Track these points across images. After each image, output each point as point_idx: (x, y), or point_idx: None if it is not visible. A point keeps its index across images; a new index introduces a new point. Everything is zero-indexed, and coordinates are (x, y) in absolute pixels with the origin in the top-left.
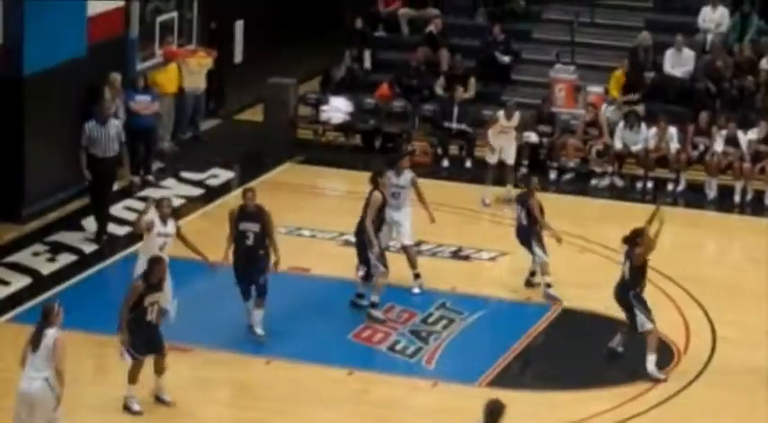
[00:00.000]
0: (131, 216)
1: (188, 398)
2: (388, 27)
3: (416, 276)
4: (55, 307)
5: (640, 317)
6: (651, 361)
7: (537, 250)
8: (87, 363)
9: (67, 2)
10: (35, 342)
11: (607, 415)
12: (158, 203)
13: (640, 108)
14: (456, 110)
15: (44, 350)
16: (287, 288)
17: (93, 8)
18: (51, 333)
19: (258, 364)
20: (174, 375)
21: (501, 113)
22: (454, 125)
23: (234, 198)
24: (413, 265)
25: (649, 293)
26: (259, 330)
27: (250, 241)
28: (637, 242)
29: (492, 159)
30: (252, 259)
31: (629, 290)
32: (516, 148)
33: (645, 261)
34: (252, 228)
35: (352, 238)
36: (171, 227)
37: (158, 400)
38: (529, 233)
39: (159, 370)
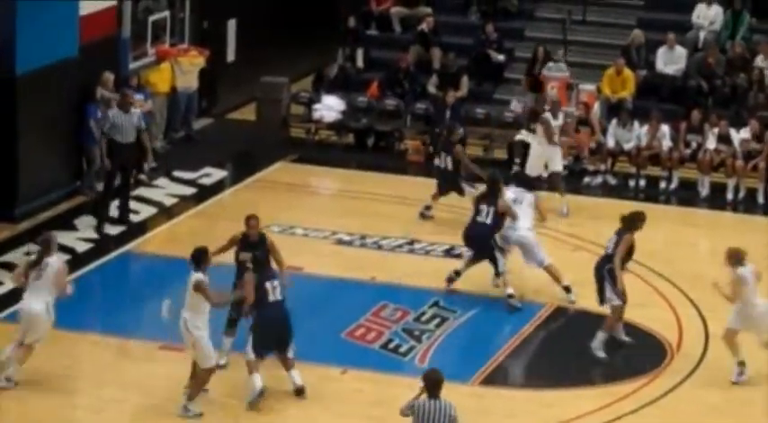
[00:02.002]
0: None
1: (181, 397)
2: (381, 26)
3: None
4: (54, 237)
5: (608, 291)
6: (600, 339)
7: (499, 256)
8: (81, 362)
9: (59, 1)
10: (37, 270)
11: (600, 413)
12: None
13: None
14: (448, 113)
15: (46, 278)
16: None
17: (86, 8)
18: (53, 261)
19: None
20: (167, 375)
21: (547, 114)
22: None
23: (227, 196)
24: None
25: (642, 291)
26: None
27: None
28: (636, 226)
29: (537, 172)
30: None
31: (606, 264)
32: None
33: (633, 245)
34: (258, 256)
35: (346, 237)
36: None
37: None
38: (490, 236)
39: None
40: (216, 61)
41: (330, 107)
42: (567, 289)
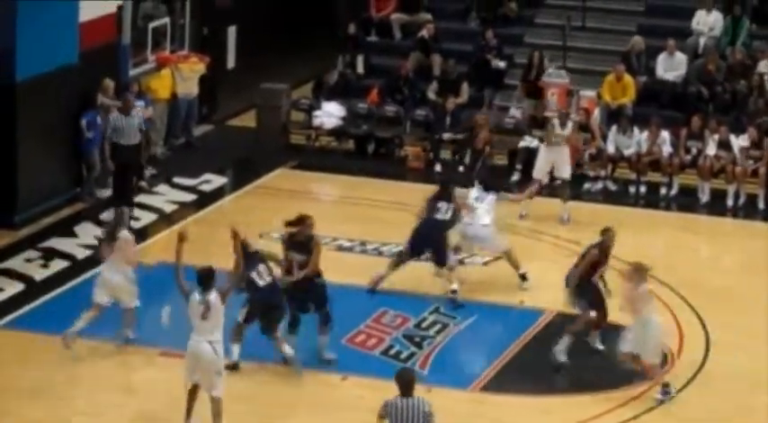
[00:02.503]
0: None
1: (182, 404)
2: (381, 32)
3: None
4: (213, 270)
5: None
6: (563, 342)
7: (450, 253)
8: (81, 369)
9: (60, 8)
10: (205, 311)
11: (600, 419)
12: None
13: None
14: (449, 119)
15: (213, 317)
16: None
17: (86, 14)
18: (214, 297)
19: (253, 369)
20: (168, 381)
21: (555, 121)
22: (446, 135)
23: (228, 203)
24: None
25: None
26: (330, 355)
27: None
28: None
29: (541, 176)
30: (307, 289)
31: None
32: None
33: (603, 257)
34: (297, 258)
35: (346, 243)
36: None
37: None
38: (446, 230)
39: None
40: (216, 68)
41: (330, 114)
42: (523, 277)
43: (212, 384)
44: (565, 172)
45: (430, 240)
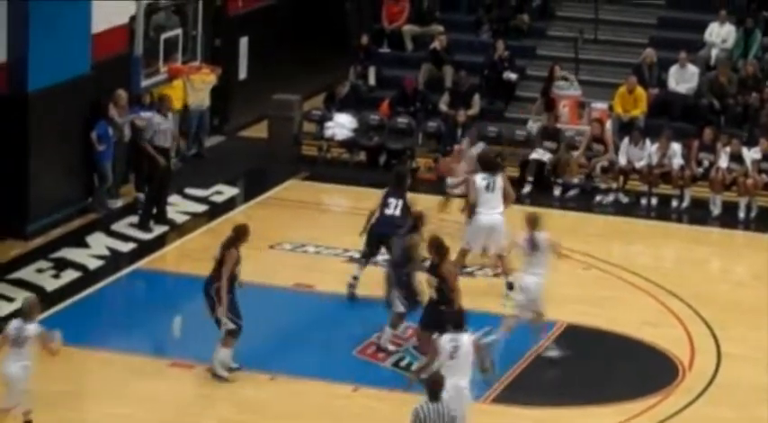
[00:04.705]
0: (135, 233)
1: (191, 415)
2: (393, 44)
3: None
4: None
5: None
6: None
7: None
8: (91, 379)
9: (72, 19)
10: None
11: None
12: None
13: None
14: (460, 131)
15: (464, 357)
16: (291, 304)
17: (98, 25)
18: (466, 339)
19: (262, 380)
20: (178, 392)
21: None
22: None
23: (239, 214)
24: None
25: (654, 309)
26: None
27: None
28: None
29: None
30: None
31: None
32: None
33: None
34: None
35: (357, 255)
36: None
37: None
38: (398, 226)
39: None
40: (228, 79)
41: (342, 125)
42: (510, 286)
43: None
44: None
45: (382, 237)
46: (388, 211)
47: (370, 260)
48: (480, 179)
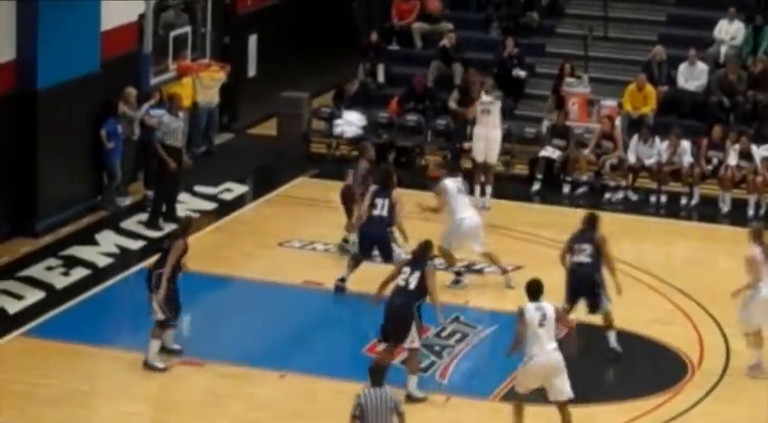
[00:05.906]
0: (144, 231)
1: (201, 413)
2: (402, 41)
3: None
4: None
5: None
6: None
7: (395, 246)
8: (101, 378)
9: (81, 17)
10: (541, 319)
11: None
12: None
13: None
14: (469, 128)
15: (549, 324)
16: (300, 302)
17: (107, 23)
18: (550, 308)
19: (272, 378)
20: (187, 390)
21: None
22: (467, 144)
23: (248, 211)
24: None
25: (663, 307)
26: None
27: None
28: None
29: (478, 157)
30: None
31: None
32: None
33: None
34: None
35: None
36: None
37: None
38: (388, 227)
39: None
40: (237, 76)
41: (351, 123)
42: (459, 273)
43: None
44: (492, 157)
45: (373, 238)
46: (376, 212)
47: (361, 263)
48: (451, 183)
